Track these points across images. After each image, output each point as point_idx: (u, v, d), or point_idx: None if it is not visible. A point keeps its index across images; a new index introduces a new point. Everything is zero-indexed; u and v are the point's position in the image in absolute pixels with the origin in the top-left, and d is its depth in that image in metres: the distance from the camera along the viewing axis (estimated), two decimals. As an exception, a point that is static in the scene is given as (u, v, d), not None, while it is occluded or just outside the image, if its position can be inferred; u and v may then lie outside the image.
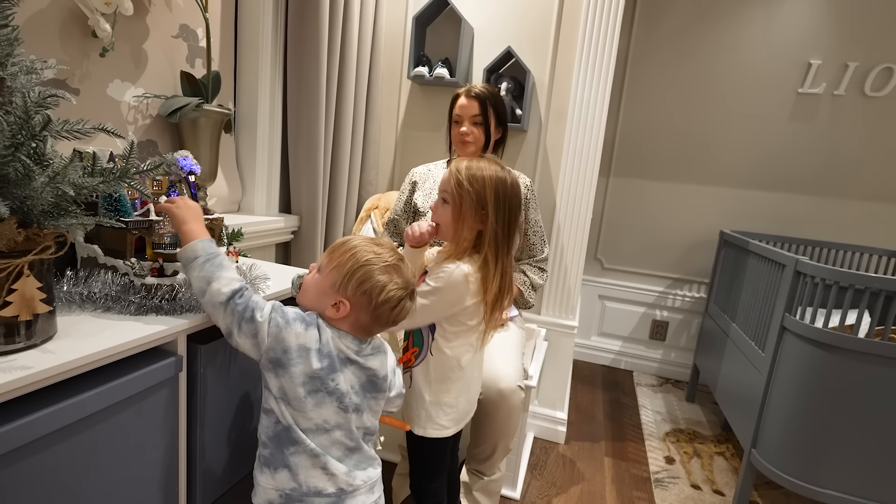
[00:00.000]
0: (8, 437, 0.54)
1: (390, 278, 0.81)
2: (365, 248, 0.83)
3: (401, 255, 0.86)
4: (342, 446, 0.82)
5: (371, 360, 0.85)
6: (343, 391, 0.80)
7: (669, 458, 1.93)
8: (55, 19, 1.00)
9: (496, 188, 0.99)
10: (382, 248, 0.84)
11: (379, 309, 0.81)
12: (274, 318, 0.76)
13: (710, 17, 2.43)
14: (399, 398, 0.95)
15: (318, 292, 0.82)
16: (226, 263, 0.77)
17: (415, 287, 0.87)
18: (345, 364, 0.81)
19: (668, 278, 2.70)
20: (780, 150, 2.44)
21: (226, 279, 0.75)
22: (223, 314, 0.75)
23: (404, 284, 0.83)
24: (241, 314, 0.75)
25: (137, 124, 1.23)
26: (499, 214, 0.99)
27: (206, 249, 0.76)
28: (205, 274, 0.75)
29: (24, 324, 0.59)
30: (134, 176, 0.64)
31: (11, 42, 0.58)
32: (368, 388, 0.85)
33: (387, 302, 0.81)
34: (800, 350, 1.44)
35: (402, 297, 0.83)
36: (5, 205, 0.53)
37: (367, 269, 0.80)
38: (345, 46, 1.65)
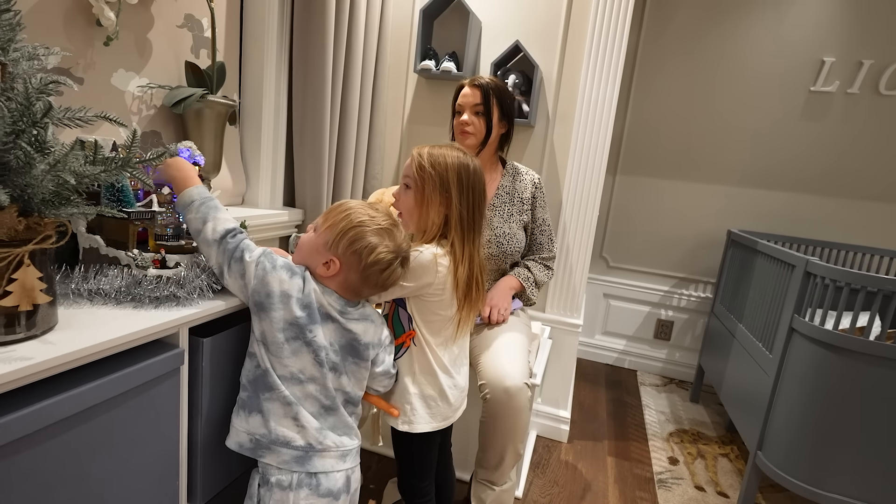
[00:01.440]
0: (8, 428, 0.53)
1: (381, 241, 0.84)
2: (360, 210, 0.85)
3: (395, 220, 0.88)
4: (317, 402, 0.83)
5: (353, 324, 0.86)
6: (320, 344, 0.82)
7: (673, 459, 1.92)
8: (59, 7, 0.99)
9: (459, 171, 0.99)
10: (377, 212, 0.86)
11: (368, 270, 0.83)
12: (262, 262, 0.80)
13: (722, 14, 2.40)
14: (386, 377, 0.96)
15: (311, 249, 0.84)
16: (220, 206, 0.82)
17: (407, 254, 0.88)
18: (325, 319, 0.83)
19: (674, 277, 2.68)
20: (791, 148, 2.41)
21: (221, 219, 0.81)
22: (216, 252, 0.80)
23: (395, 248, 0.85)
24: (232, 253, 0.79)
25: (141, 114, 1.22)
26: (462, 197, 0.99)
27: (201, 193, 0.82)
28: (200, 215, 0.80)
29: (25, 314, 0.58)
30: (136, 165, 0.63)
31: (13, 27, 0.57)
32: (349, 351, 0.86)
33: (376, 263, 0.83)
34: (809, 352, 1.42)
35: (392, 261, 0.85)
36: (6, 193, 0.52)
37: (359, 230, 0.83)
38: (351, 39, 1.63)
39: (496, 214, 1.45)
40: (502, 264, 1.46)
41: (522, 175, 1.50)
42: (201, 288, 0.80)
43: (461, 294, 1.01)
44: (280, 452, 0.81)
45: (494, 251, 1.42)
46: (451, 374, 1.05)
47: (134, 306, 0.75)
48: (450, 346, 1.04)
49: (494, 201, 1.45)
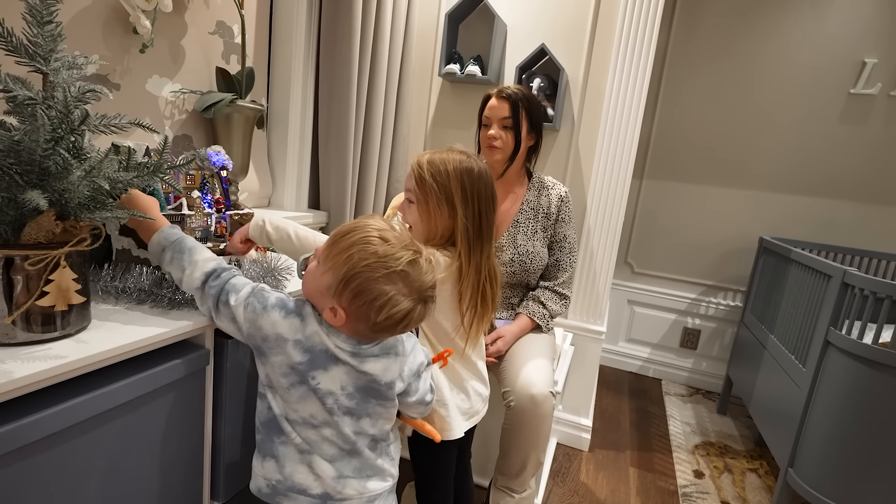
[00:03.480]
0: (43, 424, 0.56)
1: (395, 289, 0.68)
2: (367, 245, 0.68)
3: (416, 248, 0.72)
4: (334, 446, 0.74)
5: (370, 364, 0.73)
6: (325, 391, 0.71)
7: (698, 472, 1.86)
8: (99, 16, 1.03)
9: (461, 180, 0.93)
10: (389, 244, 0.69)
11: (379, 325, 0.69)
12: (251, 303, 0.70)
13: (755, 13, 2.33)
14: (421, 405, 0.83)
15: (315, 291, 0.72)
16: (194, 246, 0.74)
17: (431, 290, 0.73)
18: (333, 362, 0.71)
19: (702, 285, 2.61)
20: (828, 153, 2.31)
21: (197, 263, 0.72)
22: (200, 298, 0.72)
23: (416, 291, 0.69)
24: (217, 298, 0.71)
25: (174, 119, 1.26)
26: (467, 208, 0.93)
27: (169, 237, 0.73)
28: (175, 264, 0.72)
29: (60, 314, 0.61)
30: (167, 171, 0.65)
31: (55, 38, 0.59)
32: (368, 393, 0.74)
33: (388, 318, 0.68)
34: (845, 366, 1.36)
35: (411, 311, 0.70)
36: (44, 197, 0.54)
37: (364, 279, 0.67)
38: (377, 44, 1.65)
39: (520, 231, 1.41)
40: (524, 280, 1.44)
41: (549, 189, 1.44)
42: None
43: (466, 304, 0.95)
44: (297, 499, 0.74)
45: (517, 269, 1.39)
46: (462, 382, 1.03)
47: (153, 306, 0.77)
48: (465, 356, 1.01)
49: (519, 217, 1.41)
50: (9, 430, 0.52)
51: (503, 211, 1.44)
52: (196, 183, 0.95)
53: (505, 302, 1.46)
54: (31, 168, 0.57)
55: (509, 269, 1.39)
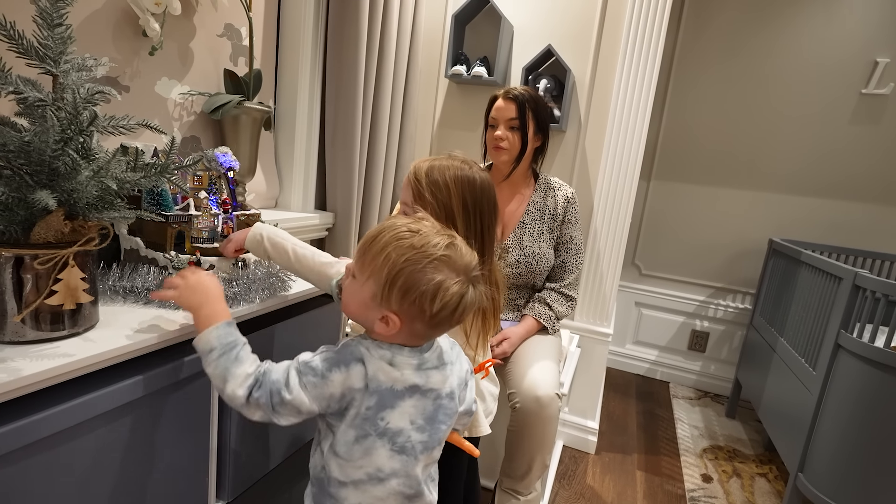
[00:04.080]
0: (50, 422, 0.56)
1: (442, 274, 0.64)
2: (400, 243, 0.66)
3: (450, 233, 0.69)
4: (399, 496, 0.70)
5: (434, 377, 0.70)
6: (396, 430, 0.67)
7: (706, 476, 1.84)
8: (109, 19, 1.04)
9: (463, 195, 0.87)
10: (422, 235, 0.66)
11: (436, 317, 0.66)
12: (307, 382, 0.65)
13: (765, 13, 2.31)
14: (467, 416, 0.81)
15: (360, 305, 0.68)
16: (241, 355, 0.66)
17: (476, 271, 0.69)
18: (399, 396, 0.67)
19: (710, 287, 2.58)
20: (839, 153, 2.29)
21: (240, 377, 0.65)
22: (251, 412, 0.66)
23: (462, 272, 0.66)
24: (269, 404, 0.65)
25: (182, 120, 1.27)
26: (469, 225, 0.88)
27: (222, 339, 0.66)
28: (219, 371, 0.65)
29: (68, 312, 0.61)
30: (174, 171, 0.65)
31: (65, 41, 0.60)
32: (436, 418, 0.71)
33: (444, 307, 0.65)
34: (856, 370, 1.34)
35: (463, 294, 0.66)
36: (53, 197, 0.55)
37: (409, 273, 0.64)
38: (383, 46, 1.65)
39: (526, 233, 1.40)
40: (530, 281, 1.43)
41: (555, 190, 1.44)
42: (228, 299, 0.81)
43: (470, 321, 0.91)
44: None
45: (523, 271, 1.39)
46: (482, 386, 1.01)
47: (160, 305, 0.78)
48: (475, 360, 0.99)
49: (525, 218, 1.41)
50: (17, 427, 0.53)
51: (509, 212, 1.44)
52: (204, 184, 0.96)
53: (511, 303, 1.45)
54: (41, 168, 0.58)
55: (515, 271, 1.39)
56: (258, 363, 0.68)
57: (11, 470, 0.53)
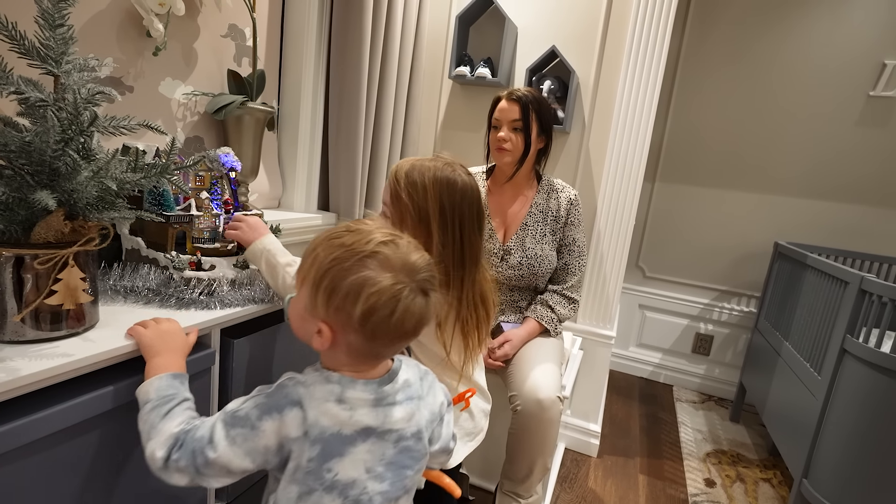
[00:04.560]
0: (49, 421, 0.56)
1: (371, 273, 0.55)
2: (331, 243, 0.58)
3: (395, 233, 0.60)
4: None
5: (395, 414, 0.60)
6: (348, 481, 0.58)
7: (710, 481, 1.83)
8: (113, 20, 1.05)
9: (440, 197, 0.81)
10: (356, 232, 0.58)
11: (367, 323, 0.56)
12: (235, 435, 0.56)
13: (771, 14, 2.29)
14: (444, 454, 0.72)
15: (298, 318, 0.61)
16: (175, 412, 0.59)
17: (425, 273, 0.59)
18: (349, 442, 0.58)
19: (715, 290, 2.57)
20: (845, 156, 2.27)
21: (163, 435, 0.57)
22: (171, 477, 0.58)
23: (399, 271, 0.56)
24: (192, 465, 0.56)
25: (186, 121, 1.27)
26: (446, 230, 0.81)
27: (160, 392, 0.60)
28: (146, 427, 0.59)
29: (68, 312, 0.61)
30: (174, 172, 0.65)
31: (66, 41, 0.60)
32: (401, 463, 0.61)
33: (373, 310, 0.55)
34: (862, 375, 1.33)
35: (398, 292, 0.55)
36: (53, 197, 0.55)
37: (335, 272, 0.56)
38: (387, 47, 1.65)
39: (528, 234, 1.40)
40: (533, 283, 1.43)
41: (558, 192, 1.44)
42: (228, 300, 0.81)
43: (449, 341, 0.85)
44: None
45: (525, 273, 1.38)
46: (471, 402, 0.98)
47: (160, 305, 0.78)
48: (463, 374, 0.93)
49: (527, 220, 1.41)
50: (16, 427, 0.53)
51: (512, 213, 1.43)
52: (206, 184, 0.96)
53: (513, 305, 1.45)
54: (42, 168, 0.58)
55: (517, 272, 1.38)
56: (193, 423, 0.59)
57: (10, 469, 0.54)
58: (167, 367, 0.62)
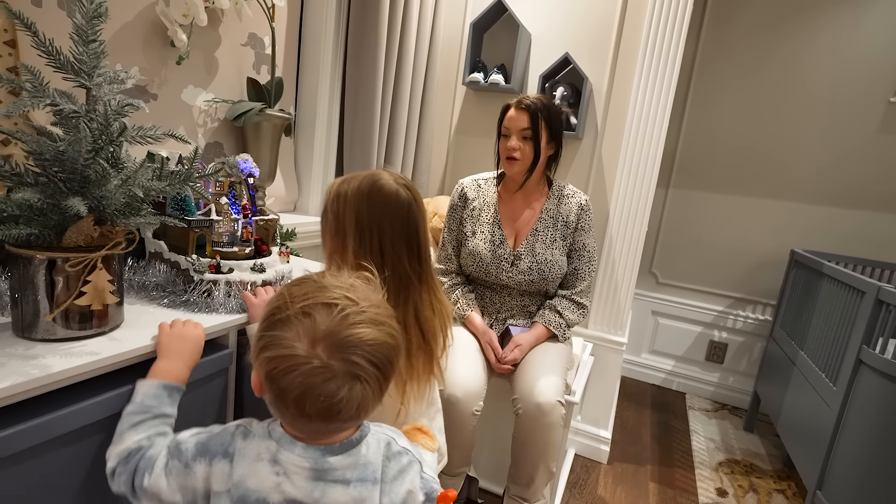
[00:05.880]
0: (78, 415, 0.59)
1: (288, 335, 0.50)
2: (289, 286, 0.55)
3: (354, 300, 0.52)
4: None
5: (335, 495, 0.52)
6: None
7: (722, 491, 1.81)
8: (140, 31, 1.09)
9: (358, 205, 0.75)
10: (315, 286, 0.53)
11: (271, 388, 0.51)
12: (172, 466, 0.54)
13: (788, 21, 2.27)
14: None
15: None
16: (146, 425, 0.58)
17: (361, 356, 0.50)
18: None
19: (730, 297, 2.54)
20: (865, 164, 2.23)
21: (123, 444, 0.57)
22: (115, 487, 0.57)
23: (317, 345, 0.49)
24: (130, 485, 0.56)
25: (206, 127, 1.31)
26: (363, 242, 0.75)
27: (144, 399, 0.60)
28: (118, 430, 0.59)
29: (96, 312, 0.65)
30: (197, 180, 0.68)
31: (98, 55, 0.63)
32: None
33: (271, 377, 0.50)
34: (878, 386, 1.31)
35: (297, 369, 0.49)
36: (84, 204, 0.58)
37: (269, 321, 0.52)
38: (402, 54, 1.68)
39: (539, 240, 1.41)
40: (543, 288, 1.43)
41: (569, 198, 1.44)
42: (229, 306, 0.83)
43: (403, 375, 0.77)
44: None
45: (536, 278, 1.39)
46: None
47: (179, 307, 0.81)
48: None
49: (538, 225, 1.42)
50: (46, 421, 0.56)
51: (522, 219, 1.44)
52: (224, 189, 0.99)
53: (523, 310, 1.46)
54: (74, 176, 0.62)
55: (527, 278, 1.39)
56: (158, 440, 0.57)
57: (41, 461, 0.57)
58: (166, 374, 0.63)
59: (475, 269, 1.43)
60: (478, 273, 1.43)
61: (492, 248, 1.41)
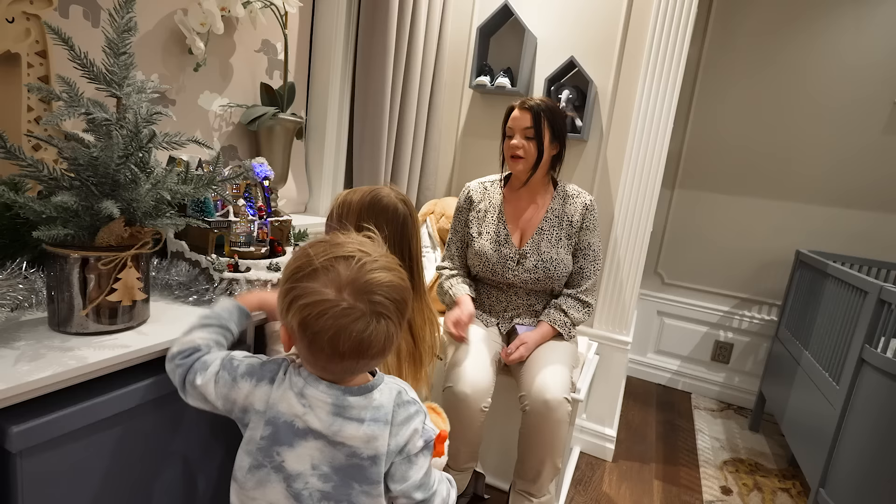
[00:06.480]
0: (110, 404, 0.63)
1: (316, 285, 0.56)
2: (305, 247, 0.61)
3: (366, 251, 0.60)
4: None
5: (349, 428, 0.59)
6: (292, 472, 0.59)
7: (726, 489, 1.83)
8: (159, 39, 1.13)
9: (360, 212, 0.87)
10: (330, 244, 0.60)
11: (304, 335, 0.57)
12: (221, 376, 0.62)
13: (793, 22, 2.28)
14: (405, 499, 0.65)
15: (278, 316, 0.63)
16: (210, 329, 0.68)
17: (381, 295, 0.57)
18: (300, 435, 0.59)
19: (735, 298, 2.55)
20: (870, 164, 2.24)
21: (188, 338, 0.66)
22: (168, 370, 0.66)
23: (343, 289, 0.56)
24: (184, 376, 0.64)
25: (221, 131, 1.36)
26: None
27: (219, 311, 0.70)
28: (190, 325, 0.68)
29: (125, 308, 0.69)
30: (219, 183, 0.72)
31: (128, 67, 0.67)
32: (349, 475, 0.60)
33: (305, 323, 0.56)
34: (879, 385, 1.33)
35: (328, 311, 0.55)
36: (117, 206, 0.62)
37: (293, 279, 0.58)
38: (410, 59, 1.72)
39: (544, 239, 1.43)
40: (548, 287, 1.46)
41: (573, 198, 1.47)
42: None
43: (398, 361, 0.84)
44: None
45: (541, 276, 1.42)
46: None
47: (200, 303, 0.85)
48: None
49: (543, 225, 1.44)
50: (84, 408, 0.60)
51: (527, 219, 1.47)
52: (241, 191, 1.03)
53: (529, 309, 1.49)
54: (105, 180, 0.66)
55: (533, 276, 1.42)
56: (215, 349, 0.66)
57: (76, 446, 0.61)
58: (242, 301, 0.75)
59: (481, 268, 1.46)
60: (484, 273, 1.46)
61: (497, 248, 1.44)
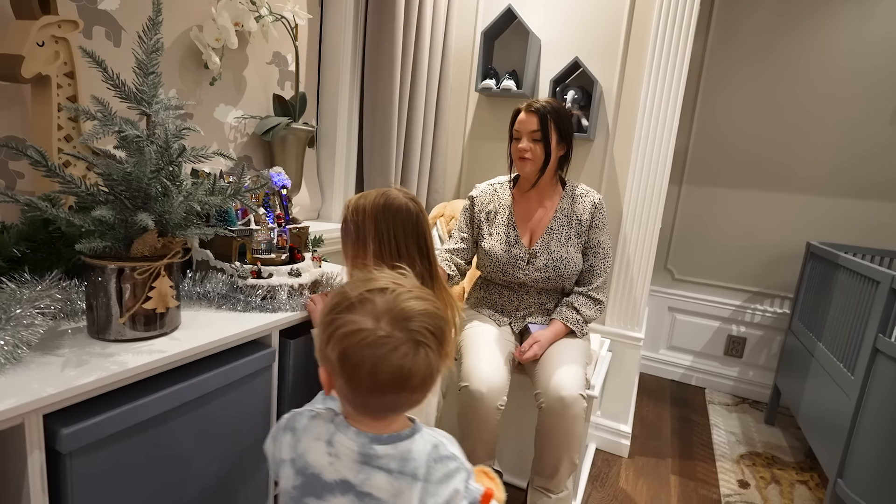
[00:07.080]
0: (148, 408, 0.66)
1: (355, 317, 0.55)
2: (341, 288, 0.60)
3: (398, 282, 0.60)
4: None
5: (377, 480, 0.56)
6: None
7: (743, 482, 1.83)
8: (177, 55, 1.17)
9: (376, 215, 0.92)
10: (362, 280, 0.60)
11: (344, 367, 0.55)
12: (271, 436, 0.64)
13: (798, 14, 2.28)
14: None
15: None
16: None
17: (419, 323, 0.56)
18: (328, 489, 0.57)
19: (747, 292, 2.55)
20: (878, 155, 2.23)
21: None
22: None
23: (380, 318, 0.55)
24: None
25: (236, 142, 1.39)
26: (381, 241, 0.91)
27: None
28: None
29: (160, 315, 0.72)
30: (244, 194, 0.75)
31: (156, 85, 0.71)
32: None
33: (345, 355, 0.54)
34: (894, 374, 1.33)
35: (367, 339, 0.54)
36: (151, 218, 0.65)
37: (330, 317, 0.57)
38: (416, 66, 1.75)
39: (553, 238, 1.45)
40: (559, 285, 1.48)
41: (582, 197, 1.48)
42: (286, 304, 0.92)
43: None
44: None
45: (552, 275, 1.43)
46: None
47: (229, 309, 0.88)
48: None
49: (552, 224, 1.46)
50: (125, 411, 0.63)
51: (537, 219, 1.49)
52: (259, 200, 1.07)
53: (541, 307, 1.51)
54: (138, 194, 0.69)
55: (544, 275, 1.44)
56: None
57: (117, 447, 0.64)
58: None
59: (492, 268, 1.48)
60: (495, 273, 1.49)
61: (507, 248, 1.46)
